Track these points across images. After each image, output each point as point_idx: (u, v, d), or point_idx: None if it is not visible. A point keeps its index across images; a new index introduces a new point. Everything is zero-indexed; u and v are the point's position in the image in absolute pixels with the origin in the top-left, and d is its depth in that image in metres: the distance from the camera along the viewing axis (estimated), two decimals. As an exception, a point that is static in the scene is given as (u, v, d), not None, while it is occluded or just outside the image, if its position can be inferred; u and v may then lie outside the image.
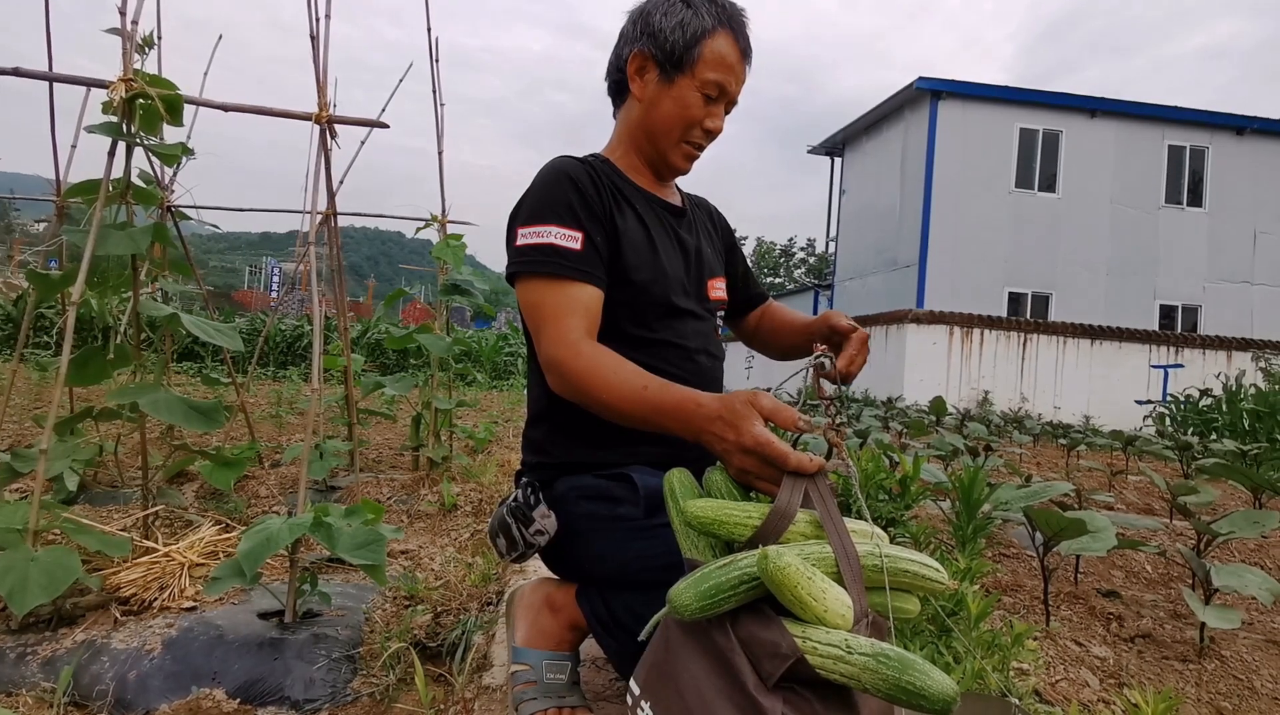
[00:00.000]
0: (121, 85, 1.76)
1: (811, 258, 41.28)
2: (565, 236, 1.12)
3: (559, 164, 1.21)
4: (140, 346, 2.02)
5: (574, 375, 1.03)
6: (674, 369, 1.20)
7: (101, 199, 1.75)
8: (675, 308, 1.23)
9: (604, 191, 1.19)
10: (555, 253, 1.11)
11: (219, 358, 9.26)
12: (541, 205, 1.15)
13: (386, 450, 4.02)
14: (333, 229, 2.65)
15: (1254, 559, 2.56)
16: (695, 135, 1.24)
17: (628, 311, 1.19)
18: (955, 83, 14.24)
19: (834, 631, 0.71)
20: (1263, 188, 14.81)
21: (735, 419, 0.85)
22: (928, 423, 5.76)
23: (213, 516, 2.22)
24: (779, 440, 0.83)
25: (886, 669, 0.67)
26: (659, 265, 1.22)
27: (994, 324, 10.80)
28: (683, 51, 1.18)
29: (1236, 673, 1.63)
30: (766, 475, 0.84)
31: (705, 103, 1.21)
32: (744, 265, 1.51)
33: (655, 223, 1.26)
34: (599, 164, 1.25)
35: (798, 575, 0.69)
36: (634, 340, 1.19)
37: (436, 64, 3.05)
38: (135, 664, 1.43)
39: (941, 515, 2.34)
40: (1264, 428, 6.14)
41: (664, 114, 1.22)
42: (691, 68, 1.18)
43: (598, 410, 1.03)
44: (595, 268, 1.13)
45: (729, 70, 1.20)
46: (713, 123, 1.24)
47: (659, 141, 1.25)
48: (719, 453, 0.88)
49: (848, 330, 1.19)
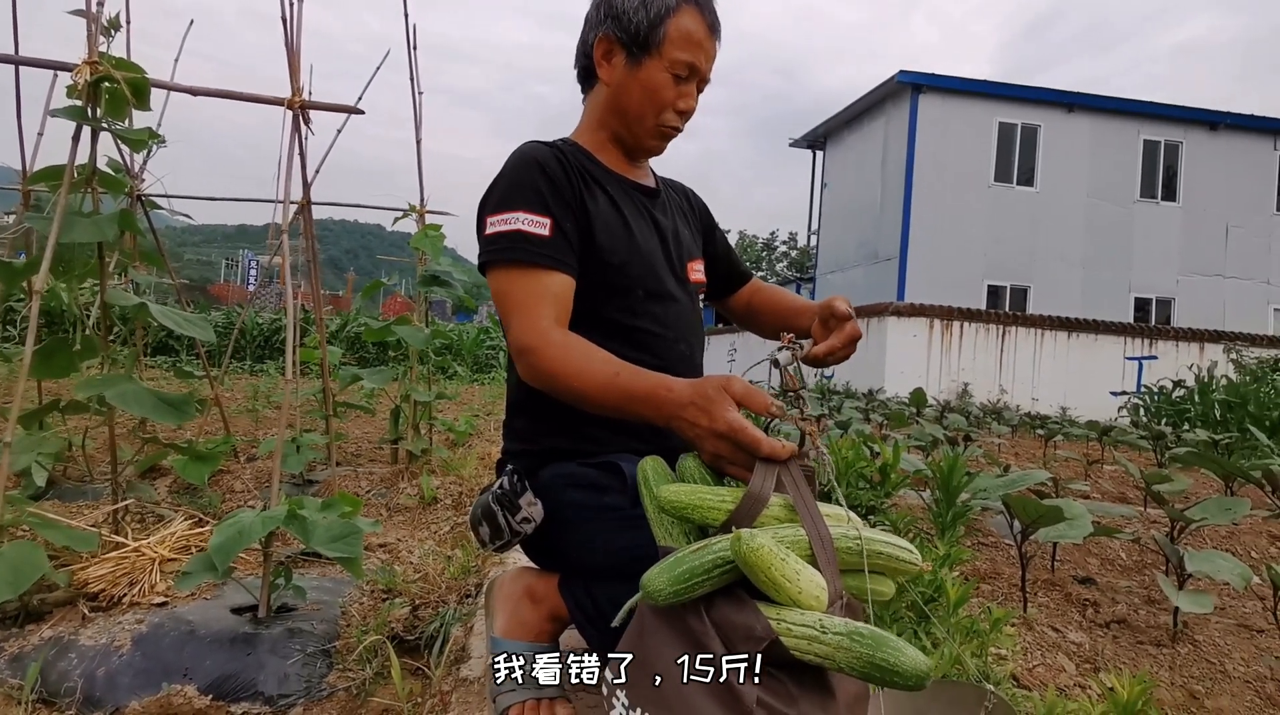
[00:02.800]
0: (86, 68, 1.71)
1: (793, 251, 41.40)
2: (533, 222, 1.09)
3: (526, 150, 1.18)
4: (109, 338, 1.97)
5: (544, 363, 1.01)
6: (653, 358, 1.17)
7: (65, 185, 1.70)
8: (654, 291, 1.22)
9: (573, 175, 1.17)
10: (523, 239, 1.09)
11: (194, 351, 9.11)
12: (509, 192, 1.13)
13: (365, 444, 3.97)
14: (308, 219, 2.60)
15: (1226, 545, 2.61)
16: (668, 117, 1.21)
17: (606, 295, 1.17)
18: (936, 76, 14.32)
19: (808, 613, 0.71)
20: (1235, 182, 15.05)
21: (708, 404, 0.84)
22: (908, 414, 5.80)
23: (185, 511, 2.18)
24: (752, 426, 0.82)
25: (860, 647, 0.67)
26: (634, 246, 1.20)
27: (973, 317, 10.90)
28: (648, 32, 1.15)
29: (1209, 656, 1.66)
30: (739, 461, 0.83)
31: (675, 83, 1.18)
32: (725, 244, 1.49)
33: (628, 204, 1.24)
34: (568, 148, 1.22)
35: (771, 556, 0.69)
36: (613, 327, 1.17)
37: (414, 51, 3.01)
38: (104, 660, 1.40)
39: (922, 504, 2.35)
40: (1235, 418, 6.25)
41: (634, 98, 1.19)
42: (658, 48, 1.15)
43: (569, 398, 1.01)
44: (565, 254, 1.11)
45: (697, 47, 1.16)
46: (685, 103, 1.20)
47: (632, 125, 1.22)
48: (691, 438, 0.87)
49: (844, 316, 1.13)
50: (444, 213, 3.18)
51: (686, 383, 0.89)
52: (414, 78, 3.08)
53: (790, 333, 1.06)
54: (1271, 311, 15.22)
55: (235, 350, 10.43)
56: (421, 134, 3.19)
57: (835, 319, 1.13)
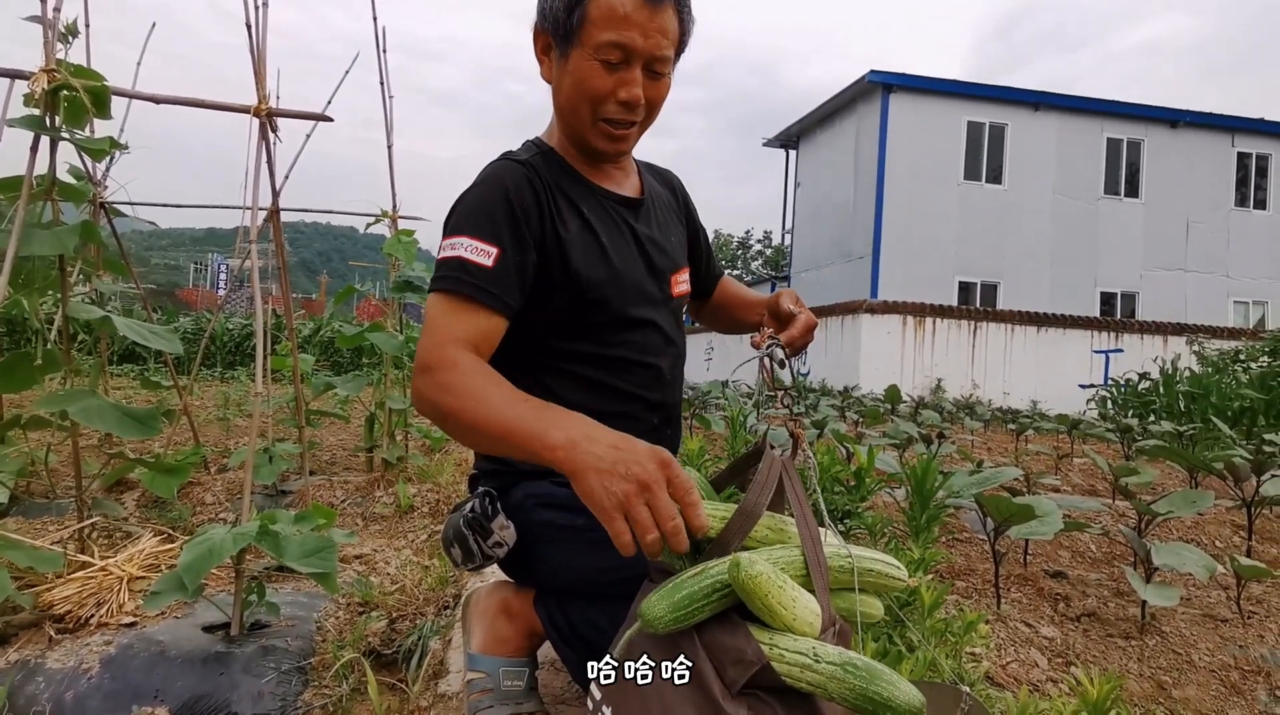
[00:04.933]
0: (43, 76, 1.67)
1: (768, 250, 41.68)
2: (478, 250, 1.02)
3: (496, 172, 1.10)
4: (71, 350, 1.92)
5: (435, 386, 0.93)
6: (631, 386, 1.15)
7: (24, 197, 1.66)
8: (633, 318, 1.16)
9: (546, 201, 1.09)
10: (462, 268, 1.01)
11: (161, 359, 8.94)
12: (463, 217, 1.06)
13: (340, 451, 3.92)
14: (277, 226, 2.56)
15: (1191, 535, 2.67)
16: (609, 111, 1.07)
17: (581, 327, 1.13)
18: (906, 76, 14.50)
19: (801, 639, 0.71)
20: (1195, 179, 15.43)
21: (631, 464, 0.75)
22: (883, 411, 5.86)
23: (153, 527, 2.14)
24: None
25: (854, 678, 0.67)
26: (612, 273, 1.13)
27: (946, 313, 11.06)
28: (566, 18, 1.03)
29: (1176, 647, 1.70)
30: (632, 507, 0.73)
31: (608, 70, 1.04)
32: (706, 245, 1.42)
33: (607, 223, 1.16)
34: (542, 163, 1.14)
35: (769, 584, 0.68)
36: (586, 358, 1.14)
37: (384, 54, 2.98)
38: (72, 683, 1.36)
39: (896, 503, 2.38)
40: (1199, 409, 6.41)
41: (567, 94, 1.09)
42: (580, 34, 1.03)
43: (456, 432, 0.94)
44: (503, 288, 1.03)
45: (624, 23, 1.00)
46: (626, 91, 1.05)
47: (574, 126, 1.12)
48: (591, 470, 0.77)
49: (787, 317, 1.12)
50: (417, 217, 3.15)
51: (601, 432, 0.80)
52: (384, 80, 3.05)
53: (761, 329, 1.06)
54: (1231, 304, 15.63)
55: (205, 357, 10.24)
56: (393, 138, 3.16)
57: (785, 313, 1.12)
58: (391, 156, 3.14)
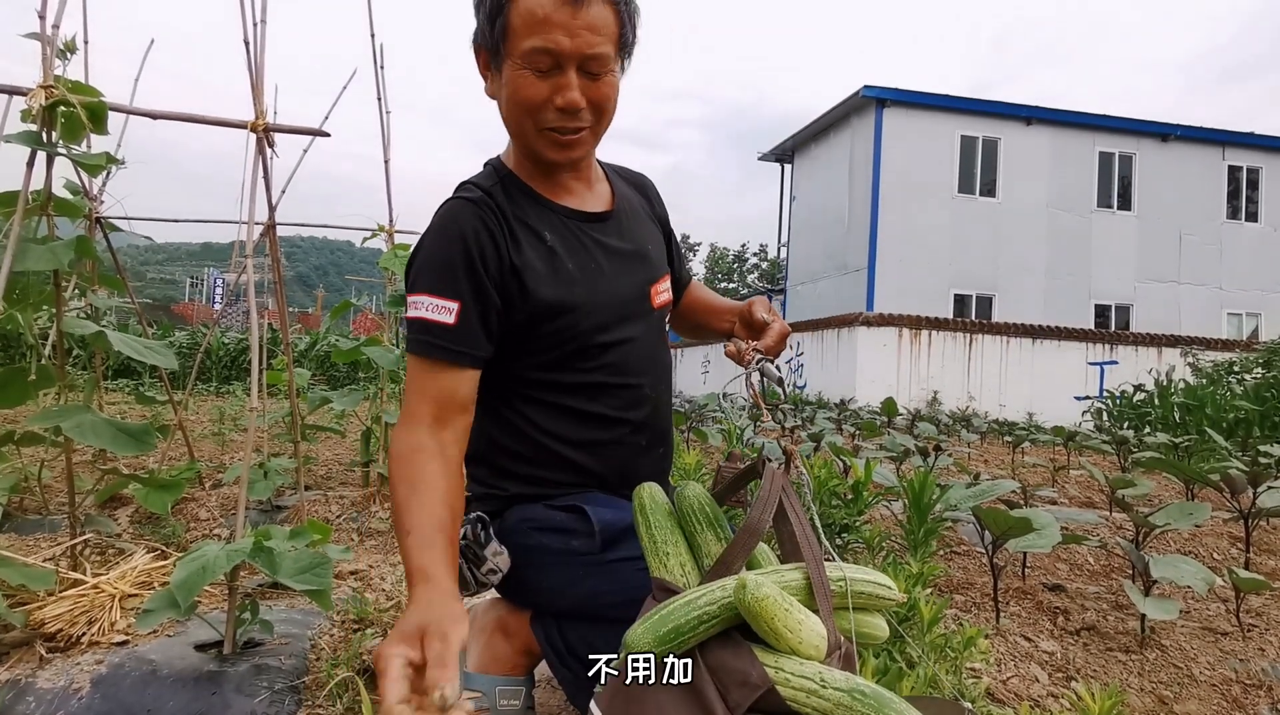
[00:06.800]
0: (41, 92, 1.67)
1: (764, 263, 41.83)
2: (438, 308, 1.02)
3: (446, 214, 1.08)
4: (66, 366, 1.91)
5: (390, 468, 0.99)
6: (611, 410, 1.13)
7: (20, 212, 1.66)
8: (608, 340, 1.13)
9: (502, 235, 1.06)
10: (425, 329, 1.02)
11: (156, 374, 8.91)
12: (421, 271, 1.06)
13: (336, 466, 3.91)
14: (273, 241, 2.56)
15: (1188, 547, 2.67)
16: (549, 119, 1.03)
17: (552, 354, 1.10)
18: (900, 91, 14.62)
19: (807, 663, 0.70)
20: (1187, 192, 15.56)
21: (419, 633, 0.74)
22: (880, 424, 5.86)
23: (146, 544, 2.12)
24: (395, 671, 0.71)
25: (861, 706, 0.66)
26: (580, 295, 1.10)
27: (941, 325, 11.10)
28: (490, 30, 1.00)
29: (1176, 661, 1.69)
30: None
31: (540, 78, 1.00)
32: (676, 249, 1.36)
33: (572, 244, 1.12)
34: (500, 191, 1.11)
35: (775, 607, 0.68)
36: (564, 387, 1.12)
37: (381, 70, 2.99)
38: (63, 703, 1.34)
39: (893, 517, 2.37)
40: (1194, 420, 6.42)
41: (508, 108, 1.05)
42: (506, 44, 0.99)
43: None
44: (469, 343, 1.03)
45: (545, 26, 0.96)
46: (563, 97, 1.00)
47: (521, 140, 1.09)
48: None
49: (760, 326, 1.10)
50: (413, 232, 3.15)
51: (420, 611, 0.78)
52: (381, 96, 3.06)
53: (745, 343, 1.05)
54: (1225, 315, 15.72)
55: (200, 372, 10.20)
56: (390, 153, 3.17)
57: (758, 322, 1.12)
58: (389, 171, 3.14)
